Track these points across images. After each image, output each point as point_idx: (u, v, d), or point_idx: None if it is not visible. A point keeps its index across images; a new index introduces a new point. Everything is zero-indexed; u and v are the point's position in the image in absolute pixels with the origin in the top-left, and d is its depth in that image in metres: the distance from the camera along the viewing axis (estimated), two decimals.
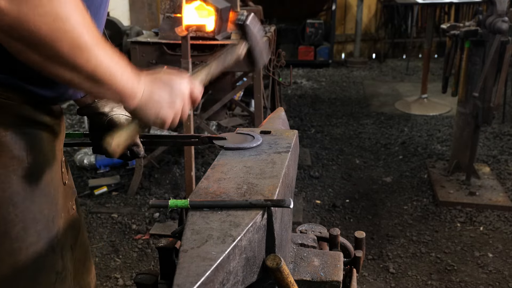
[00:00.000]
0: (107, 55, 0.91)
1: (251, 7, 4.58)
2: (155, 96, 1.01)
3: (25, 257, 1.03)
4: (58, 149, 1.14)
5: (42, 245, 1.06)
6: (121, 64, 0.95)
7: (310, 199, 3.49)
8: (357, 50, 8.06)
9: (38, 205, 1.05)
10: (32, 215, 1.04)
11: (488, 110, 3.35)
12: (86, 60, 0.87)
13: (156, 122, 1.03)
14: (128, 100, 0.98)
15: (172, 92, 1.04)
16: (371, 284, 2.59)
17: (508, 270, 2.67)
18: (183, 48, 2.80)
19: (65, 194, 1.17)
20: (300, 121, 5.19)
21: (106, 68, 0.90)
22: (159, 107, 1.02)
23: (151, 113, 1.02)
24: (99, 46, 0.89)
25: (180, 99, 1.05)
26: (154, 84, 1.02)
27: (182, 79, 1.07)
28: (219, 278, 0.80)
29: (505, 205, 3.27)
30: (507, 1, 3.08)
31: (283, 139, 1.30)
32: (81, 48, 0.85)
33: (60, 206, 1.13)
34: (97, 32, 0.89)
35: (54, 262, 1.10)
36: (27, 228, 1.03)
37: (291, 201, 0.95)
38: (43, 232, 1.06)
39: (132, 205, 3.35)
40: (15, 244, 1.02)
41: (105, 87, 0.93)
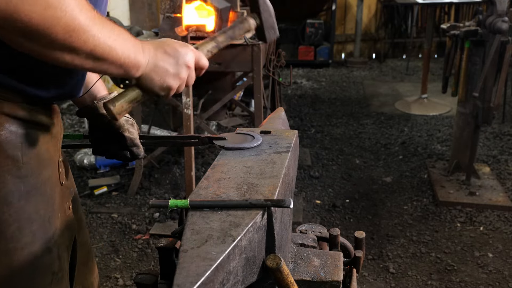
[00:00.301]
0: (105, 31, 0.90)
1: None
2: (160, 65, 1.02)
3: (21, 257, 1.03)
4: (55, 149, 1.13)
5: (38, 246, 1.06)
6: (121, 37, 0.94)
7: (310, 199, 3.49)
8: (357, 50, 8.06)
9: (34, 205, 1.04)
10: (27, 215, 1.03)
11: (488, 110, 3.35)
12: (84, 41, 0.87)
13: (162, 90, 1.04)
14: (132, 71, 0.98)
15: (177, 61, 1.04)
16: (371, 284, 2.59)
17: (508, 270, 2.67)
18: None
19: (62, 194, 1.16)
20: (300, 121, 5.19)
21: (105, 44, 0.90)
22: (164, 76, 1.02)
23: (156, 82, 1.02)
24: (96, 25, 0.88)
25: (185, 68, 1.05)
26: (159, 54, 1.02)
27: (187, 48, 1.07)
28: (219, 278, 0.80)
29: (505, 205, 3.27)
30: (507, 1, 3.08)
31: (283, 139, 1.30)
32: (77, 31, 0.85)
33: (57, 206, 1.13)
34: (92, 10, 0.89)
35: (50, 262, 1.10)
36: (22, 228, 1.02)
37: (291, 201, 0.95)
38: (39, 232, 1.06)
39: (132, 205, 3.35)
40: (10, 244, 1.01)
41: (108, 63, 0.93)
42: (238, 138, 1.30)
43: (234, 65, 3.14)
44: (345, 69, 7.81)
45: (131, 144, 1.31)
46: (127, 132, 1.30)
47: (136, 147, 1.33)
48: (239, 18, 1.24)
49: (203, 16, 3.12)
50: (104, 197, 3.47)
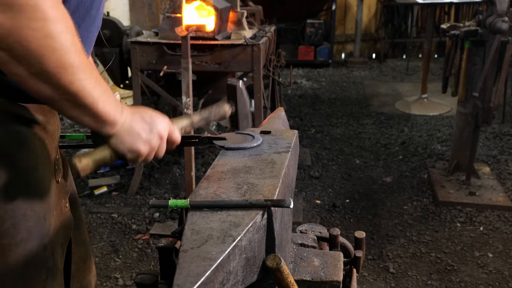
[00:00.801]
0: (92, 81, 0.92)
1: (251, 7, 4.58)
2: (134, 128, 1.03)
3: (15, 253, 1.04)
4: (51, 147, 1.14)
5: (33, 242, 1.07)
6: (106, 93, 0.96)
7: (310, 199, 3.49)
8: (357, 50, 8.06)
9: (29, 202, 1.06)
10: (22, 212, 1.04)
11: (488, 110, 3.35)
12: (70, 81, 0.88)
13: (130, 154, 1.04)
14: (107, 127, 1.00)
15: (151, 130, 1.05)
16: (371, 284, 2.59)
17: (508, 270, 2.67)
18: (183, 48, 2.80)
19: (58, 192, 1.17)
20: (300, 121, 5.19)
21: (89, 93, 0.91)
22: (135, 140, 1.03)
23: (127, 144, 1.03)
24: (85, 70, 0.90)
25: (157, 138, 1.07)
26: (135, 117, 1.04)
27: (164, 119, 1.09)
28: (219, 278, 0.80)
29: (505, 205, 3.27)
30: (507, 1, 3.08)
31: (283, 139, 1.30)
32: (66, 69, 0.86)
33: (52, 203, 1.13)
34: (85, 56, 0.91)
35: (45, 259, 1.11)
36: (17, 224, 1.04)
37: (291, 201, 0.95)
38: (34, 229, 1.07)
39: (132, 205, 3.35)
40: (4, 240, 1.02)
41: (86, 112, 0.94)
42: (238, 138, 1.30)
43: (234, 65, 3.14)
44: (345, 69, 7.81)
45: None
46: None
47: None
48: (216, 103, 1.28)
49: (203, 16, 3.13)
50: (104, 197, 3.47)
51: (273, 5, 7.35)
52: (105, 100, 0.96)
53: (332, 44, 7.94)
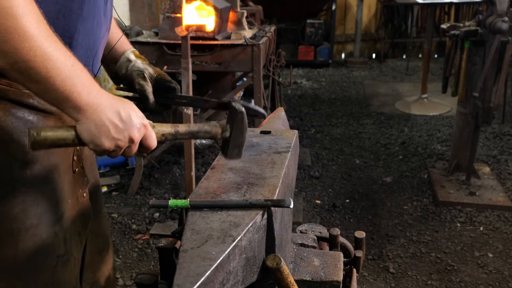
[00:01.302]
0: (51, 51, 0.86)
1: (251, 7, 4.58)
2: (103, 122, 0.94)
3: (24, 237, 1.06)
4: None
5: (43, 228, 1.09)
6: (70, 67, 0.89)
7: (310, 199, 3.48)
8: (357, 50, 8.06)
9: (40, 189, 1.08)
10: (32, 198, 1.06)
11: (488, 110, 3.34)
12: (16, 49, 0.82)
13: (92, 145, 0.97)
14: (70, 109, 0.92)
15: (123, 130, 0.97)
16: (371, 284, 2.59)
17: (508, 270, 2.67)
18: (183, 48, 2.80)
19: (74, 181, 1.18)
20: (300, 121, 5.19)
21: (42, 63, 0.85)
22: (101, 135, 0.95)
23: (91, 133, 0.95)
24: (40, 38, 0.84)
25: (127, 139, 0.98)
26: (110, 111, 0.95)
27: (141, 122, 1.01)
28: (219, 278, 0.80)
29: (505, 205, 3.27)
30: (507, 1, 3.08)
31: (283, 139, 1.30)
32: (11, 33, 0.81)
33: (67, 193, 1.15)
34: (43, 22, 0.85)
35: (55, 245, 1.13)
36: (27, 210, 1.06)
37: (291, 201, 0.95)
38: (44, 215, 1.09)
39: (132, 205, 3.35)
40: (14, 224, 1.05)
41: (42, 86, 0.87)
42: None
43: (234, 65, 3.14)
44: (345, 69, 7.80)
45: (141, 94, 1.28)
46: (137, 85, 1.30)
47: (146, 98, 1.28)
48: (210, 122, 1.15)
49: (203, 16, 3.12)
50: (104, 197, 3.47)
51: (273, 5, 7.35)
52: (68, 77, 0.88)
53: (332, 44, 7.94)
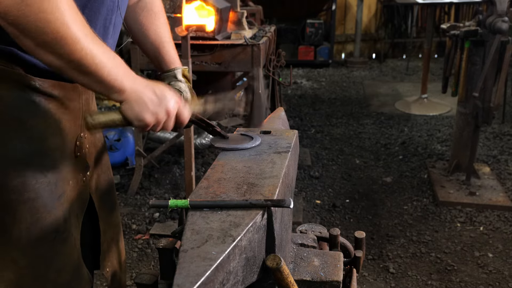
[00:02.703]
0: (96, 50, 0.99)
1: (251, 7, 4.58)
2: (143, 99, 1.09)
3: (23, 209, 1.13)
4: (72, 124, 1.23)
5: (41, 202, 1.15)
6: (113, 61, 1.03)
7: (310, 199, 3.48)
8: (357, 50, 8.06)
9: (39, 166, 1.14)
10: (31, 173, 1.13)
11: (488, 110, 3.35)
12: (71, 50, 0.95)
13: (137, 122, 1.10)
14: (115, 94, 1.06)
15: (159, 104, 1.10)
16: (371, 284, 2.59)
17: (508, 270, 2.67)
18: (183, 48, 2.80)
19: (75, 165, 1.25)
20: (300, 121, 5.19)
21: (92, 60, 0.98)
22: (143, 110, 1.09)
23: (135, 111, 1.09)
24: (88, 41, 0.98)
25: (164, 112, 1.12)
26: (146, 89, 1.10)
27: (176, 98, 1.15)
28: (219, 278, 0.80)
29: (505, 205, 3.27)
30: (507, 1, 3.08)
31: (283, 139, 1.30)
32: (65, 39, 0.94)
33: (68, 174, 1.22)
34: (87, 27, 0.99)
35: (53, 221, 1.18)
36: (26, 184, 1.12)
37: (291, 201, 0.95)
38: (43, 191, 1.15)
39: (132, 205, 3.35)
40: (11, 195, 1.11)
41: (92, 79, 1.01)
42: (238, 139, 1.31)
43: (234, 65, 3.14)
44: (345, 69, 7.80)
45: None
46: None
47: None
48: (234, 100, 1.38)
49: (203, 16, 3.12)
50: None
51: (273, 5, 7.35)
52: (111, 68, 1.02)
53: (332, 44, 7.94)
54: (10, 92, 1.10)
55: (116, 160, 3.78)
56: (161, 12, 1.48)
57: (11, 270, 1.15)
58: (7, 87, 1.10)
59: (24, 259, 1.15)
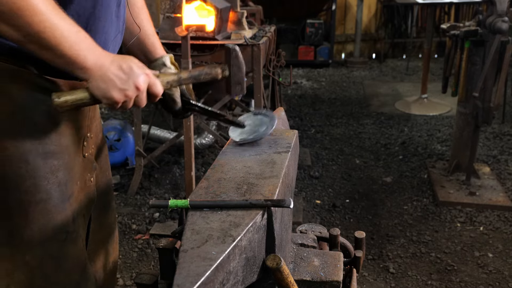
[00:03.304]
0: (57, 22, 0.97)
1: (251, 7, 4.58)
2: (109, 76, 1.05)
3: (35, 210, 1.13)
4: (82, 125, 1.23)
5: (52, 204, 1.15)
6: (75, 34, 1.00)
7: (310, 199, 3.48)
8: (357, 50, 8.06)
9: (50, 166, 1.14)
10: (42, 174, 1.13)
11: (488, 110, 3.34)
12: (29, 23, 0.93)
13: (105, 100, 1.07)
14: (78, 70, 1.04)
15: (128, 79, 1.07)
16: (371, 284, 2.59)
17: (508, 270, 2.67)
18: (183, 48, 2.80)
19: (83, 165, 1.25)
20: (300, 121, 5.19)
21: (52, 33, 0.96)
22: (109, 88, 1.05)
23: (101, 89, 1.05)
24: (48, 12, 0.95)
25: (133, 88, 1.08)
26: (112, 66, 1.06)
27: (143, 71, 1.10)
28: (219, 278, 0.80)
29: (505, 205, 3.27)
30: (507, 1, 3.08)
31: (283, 139, 1.30)
32: (23, 10, 0.92)
33: (76, 175, 1.22)
34: (53, 3, 0.96)
35: (65, 221, 1.18)
36: (38, 185, 1.12)
37: (291, 201, 0.95)
38: (55, 192, 1.15)
39: (132, 205, 3.35)
40: (24, 196, 1.11)
41: (53, 54, 0.99)
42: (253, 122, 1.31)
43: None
44: (345, 69, 7.80)
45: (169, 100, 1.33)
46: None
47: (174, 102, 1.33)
48: (209, 64, 1.26)
49: (203, 16, 3.12)
50: None
51: (273, 5, 7.35)
52: (73, 43, 0.99)
53: (332, 44, 7.94)
54: (22, 92, 1.09)
55: (116, 160, 3.78)
56: (144, 7, 1.47)
57: (22, 271, 1.15)
58: (19, 87, 1.09)
59: (35, 260, 1.15)
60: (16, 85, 1.08)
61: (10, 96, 1.08)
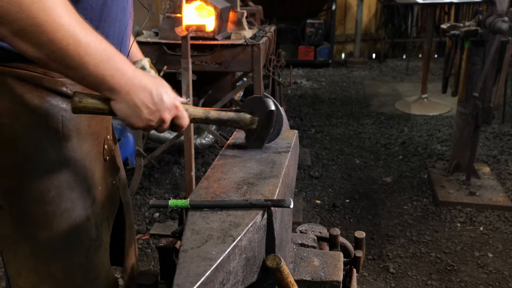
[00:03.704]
0: (82, 38, 0.88)
1: (251, 7, 4.58)
2: (136, 104, 0.98)
3: (60, 221, 1.11)
4: (100, 127, 1.20)
5: (76, 212, 1.13)
6: (102, 52, 0.91)
7: (310, 199, 3.48)
8: (357, 50, 8.06)
9: (73, 175, 1.12)
10: (66, 183, 1.11)
11: (488, 110, 3.34)
12: (50, 40, 0.85)
13: (124, 121, 1.01)
14: (104, 92, 0.97)
15: (155, 111, 1.00)
16: (371, 284, 2.59)
17: (508, 270, 2.67)
18: (183, 48, 2.79)
19: (105, 169, 1.23)
20: (300, 121, 5.19)
21: (75, 51, 0.88)
22: (133, 115, 0.99)
23: (124, 112, 0.99)
24: (72, 27, 0.87)
25: (158, 120, 1.02)
26: (142, 93, 0.98)
27: (173, 103, 1.04)
28: (219, 278, 0.80)
29: (505, 205, 3.27)
30: (507, 1, 3.08)
31: (283, 139, 1.30)
32: (44, 26, 0.84)
33: (98, 179, 1.19)
34: (73, 11, 0.88)
35: (88, 229, 1.17)
36: (62, 194, 1.10)
37: (291, 201, 0.95)
38: (78, 200, 1.13)
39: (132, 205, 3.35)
40: (48, 207, 1.09)
41: (77, 73, 0.91)
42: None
43: (234, 65, 3.14)
44: (345, 69, 7.80)
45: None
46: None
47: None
48: (240, 114, 1.19)
49: (203, 16, 3.12)
50: None
51: (273, 5, 7.35)
52: (100, 61, 0.91)
53: (332, 44, 7.94)
54: (43, 100, 1.06)
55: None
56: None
57: (49, 284, 1.13)
58: (40, 95, 1.05)
59: (61, 272, 1.13)
60: (38, 93, 1.05)
61: (32, 106, 1.05)
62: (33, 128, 1.06)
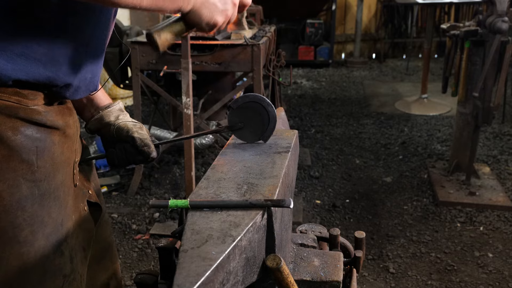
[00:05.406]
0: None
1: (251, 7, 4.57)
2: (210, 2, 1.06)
3: (33, 260, 1.04)
4: (70, 151, 1.14)
5: (50, 249, 1.07)
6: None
7: (310, 199, 3.48)
8: (357, 50, 8.06)
9: (47, 208, 1.05)
10: (40, 219, 1.04)
11: (488, 110, 3.34)
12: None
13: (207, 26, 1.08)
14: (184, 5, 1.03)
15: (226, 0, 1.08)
16: (371, 284, 2.59)
17: (508, 270, 2.67)
18: (183, 48, 2.80)
19: (75, 196, 1.17)
20: (300, 121, 5.19)
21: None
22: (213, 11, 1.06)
23: (205, 17, 1.06)
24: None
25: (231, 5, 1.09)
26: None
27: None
28: (219, 278, 0.80)
29: (505, 205, 3.27)
30: (507, 1, 3.08)
31: (283, 139, 1.30)
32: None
33: (70, 208, 1.14)
34: None
35: (62, 265, 1.11)
36: (35, 232, 1.03)
37: (291, 201, 0.95)
38: (52, 235, 1.07)
39: (132, 205, 3.35)
40: (23, 248, 1.02)
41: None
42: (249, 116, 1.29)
43: (234, 65, 3.14)
44: (345, 69, 7.80)
45: (142, 144, 1.28)
46: (136, 134, 1.28)
47: (147, 146, 1.29)
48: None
49: None
50: (104, 197, 3.46)
51: (273, 5, 7.35)
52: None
53: (332, 44, 7.94)
54: (17, 132, 1.00)
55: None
56: None
57: None
58: (13, 126, 0.99)
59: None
60: (11, 124, 0.99)
61: (5, 139, 0.99)
62: (5, 163, 0.99)
